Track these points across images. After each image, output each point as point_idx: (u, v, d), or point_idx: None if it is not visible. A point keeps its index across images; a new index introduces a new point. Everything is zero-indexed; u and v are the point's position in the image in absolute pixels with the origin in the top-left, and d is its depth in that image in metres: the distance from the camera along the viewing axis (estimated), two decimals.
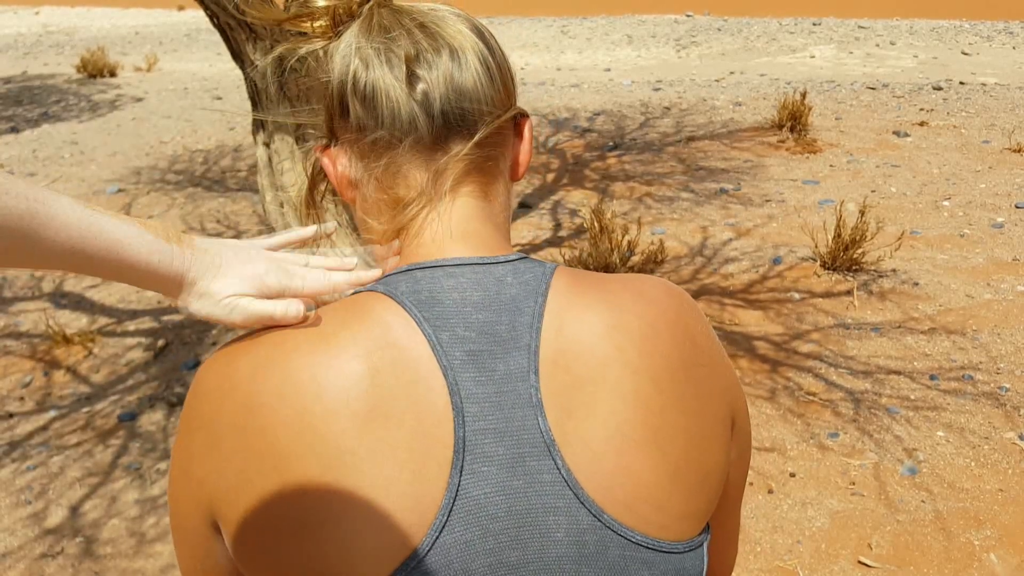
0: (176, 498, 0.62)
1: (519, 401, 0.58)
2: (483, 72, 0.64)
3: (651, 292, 0.64)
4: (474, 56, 0.64)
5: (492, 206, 0.67)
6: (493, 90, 0.64)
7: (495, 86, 0.65)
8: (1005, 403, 2.81)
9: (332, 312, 0.61)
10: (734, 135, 6.22)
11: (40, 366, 3.34)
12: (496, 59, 0.66)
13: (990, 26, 12.21)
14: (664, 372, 0.60)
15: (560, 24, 14.64)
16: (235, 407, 0.57)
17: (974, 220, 4.42)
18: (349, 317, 0.60)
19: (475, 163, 0.65)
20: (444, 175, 0.64)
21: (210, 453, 0.58)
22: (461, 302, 0.60)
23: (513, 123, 0.68)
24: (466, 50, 0.64)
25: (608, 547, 0.57)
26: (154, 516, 2.45)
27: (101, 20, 18.57)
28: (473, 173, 0.65)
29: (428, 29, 0.64)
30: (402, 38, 0.63)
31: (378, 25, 0.64)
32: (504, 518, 0.56)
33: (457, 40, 0.64)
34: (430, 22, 0.64)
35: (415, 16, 0.64)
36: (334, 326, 0.59)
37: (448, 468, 0.55)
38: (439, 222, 0.64)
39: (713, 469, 0.62)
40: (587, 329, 0.60)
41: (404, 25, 0.64)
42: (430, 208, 0.65)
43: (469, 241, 0.64)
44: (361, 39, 0.63)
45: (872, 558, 2.17)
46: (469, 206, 0.65)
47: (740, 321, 3.39)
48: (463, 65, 0.63)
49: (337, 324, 0.59)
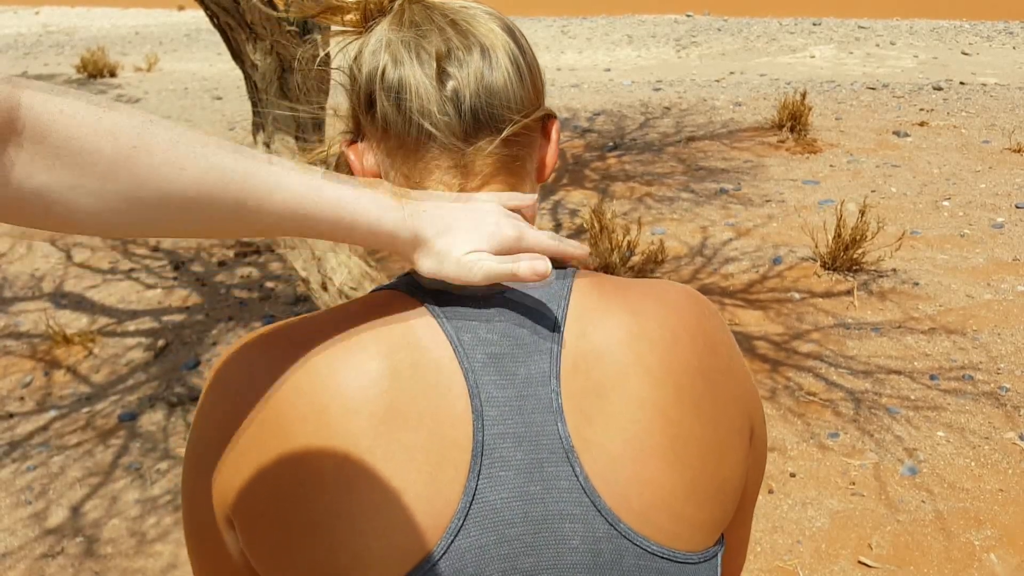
0: (189, 492, 0.61)
1: (539, 406, 0.57)
2: (513, 72, 0.63)
3: (673, 299, 0.63)
4: (505, 55, 0.63)
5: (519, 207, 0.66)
6: (523, 90, 0.63)
7: (524, 86, 0.64)
8: (1005, 403, 2.81)
9: (354, 309, 0.60)
10: (734, 135, 6.22)
11: (40, 366, 3.34)
12: (527, 59, 0.65)
13: (990, 26, 12.21)
14: (684, 381, 0.59)
15: (560, 24, 14.64)
16: (253, 401, 0.57)
17: (974, 220, 4.42)
18: (371, 315, 0.59)
19: (503, 163, 0.64)
20: (472, 173, 0.63)
21: (226, 447, 0.57)
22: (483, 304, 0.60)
23: (541, 124, 0.67)
24: (497, 49, 0.62)
25: (623, 556, 0.56)
26: (155, 516, 2.45)
27: (101, 20, 18.58)
28: (502, 173, 0.64)
29: (459, 26, 0.62)
30: (433, 35, 0.62)
31: (409, 21, 0.63)
32: (520, 524, 0.56)
33: (488, 39, 0.63)
34: (461, 20, 0.63)
35: (446, 13, 0.63)
36: (356, 323, 0.59)
37: (465, 472, 0.55)
38: None
39: (729, 479, 0.61)
40: (608, 335, 0.59)
41: (435, 22, 0.62)
42: None
43: None
44: (391, 34, 0.62)
45: (872, 558, 2.17)
46: None
47: (740, 321, 3.39)
48: (494, 64, 0.62)
49: (359, 321, 0.59)
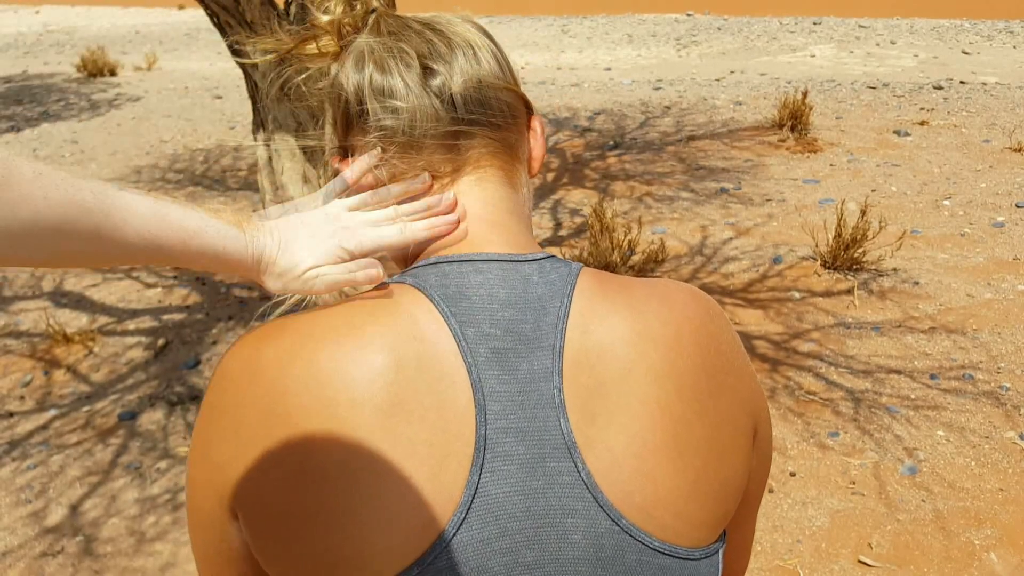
0: (194, 482, 0.61)
1: (542, 401, 0.58)
2: (495, 64, 0.66)
3: (677, 298, 0.64)
4: (484, 49, 0.66)
5: (517, 196, 0.68)
6: (503, 76, 0.67)
7: (506, 77, 0.67)
8: (1005, 402, 2.81)
9: (360, 303, 0.61)
10: (734, 134, 6.22)
11: (40, 365, 3.34)
12: (503, 56, 0.68)
13: (991, 25, 12.20)
14: (687, 379, 0.60)
15: (560, 23, 14.63)
16: (260, 393, 0.57)
17: (975, 219, 4.42)
18: (377, 308, 0.60)
19: (496, 149, 0.66)
20: (465, 158, 0.65)
21: (232, 438, 0.58)
22: (488, 298, 0.60)
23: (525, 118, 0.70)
24: (476, 45, 0.66)
25: (625, 551, 0.57)
26: (154, 515, 2.45)
27: (101, 19, 18.57)
28: (496, 158, 0.67)
29: (436, 29, 0.66)
30: (412, 39, 0.65)
31: (387, 31, 0.66)
32: (522, 518, 0.56)
33: (466, 36, 0.66)
34: (436, 24, 0.67)
35: (420, 20, 0.67)
36: (362, 317, 0.59)
37: (468, 465, 0.55)
38: (463, 204, 0.65)
39: (732, 477, 0.61)
40: (612, 333, 0.60)
41: (412, 28, 0.66)
42: (453, 190, 0.66)
43: (497, 234, 0.64)
44: (372, 45, 0.65)
45: (872, 557, 2.17)
46: (494, 191, 0.66)
47: (740, 320, 3.39)
48: (477, 58, 0.65)
49: (365, 315, 0.59)
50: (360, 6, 0.68)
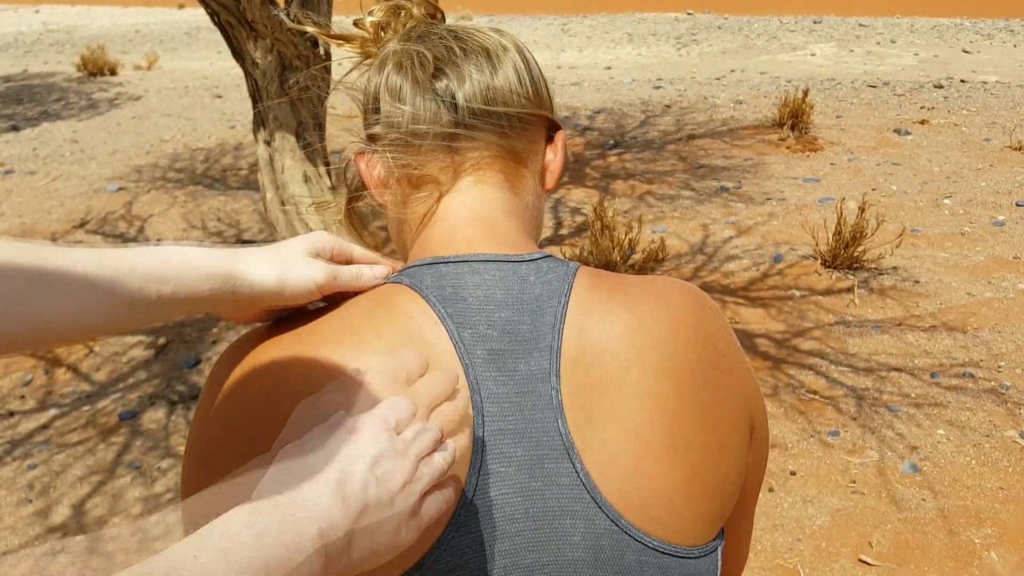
0: (190, 484, 0.61)
1: (539, 403, 0.58)
2: (511, 71, 0.66)
3: (673, 296, 0.64)
4: (501, 57, 0.67)
5: (519, 200, 0.68)
6: (521, 87, 0.66)
7: (523, 84, 0.67)
8: (1006, 401, 2.81)
9: (358, 304, 0.61)
10: (735, 133, 6.22)
11: (41, 364, 3.34)
12: (530, 68, 0.68)
13: (991, 24, 12.20)
14: (684, 377, 0.60)
15: (561, 22, 14.63)
16: (258, 396, 0.57)
17: (975, 218, 4.42)
18: (375, 309, 0.60)
19: (499, 154, 0.66)
20: (465, 159, 0.65)
21: (230, 441, 0.58)
22: (484, 300, 0.60)
23: (546, 132, 0.70)
24: (498, 56, 0.66)
25: (624, 551, 0.57)
26: (158, 514, 2.45)
27: (101, 18, 18.56)
28: (498, 162, 0.66)
29: (459, 36, 0.67)
30: (433, 43, 0.66)
31: (416, 36, 0.67)
32: (521, 520, 0.56)
33: (487, 43, 0.67)
34: (463, 32, 0.68)
35: (451, 28, 0.68)
36: (359, 318, 0.59)
37: (466, 467, 0.55)
38: (460, 203, 0.65)
39: (729, 474, 0.61)
40: (608, 332, 0.60)
41: (438, 34, 0.67)
42: (451, 190, 0.66)
43: (493, 236, 0.64)
44: (398, 47, 0.67)
45: (873, 556, 2.18)
46: (491, 194, 0.66)
47: (741, 319, 3.39)
48: (493, 66, 0.66)
49: (362, 316, 0.59)
50: (404, 13, 0.70)
